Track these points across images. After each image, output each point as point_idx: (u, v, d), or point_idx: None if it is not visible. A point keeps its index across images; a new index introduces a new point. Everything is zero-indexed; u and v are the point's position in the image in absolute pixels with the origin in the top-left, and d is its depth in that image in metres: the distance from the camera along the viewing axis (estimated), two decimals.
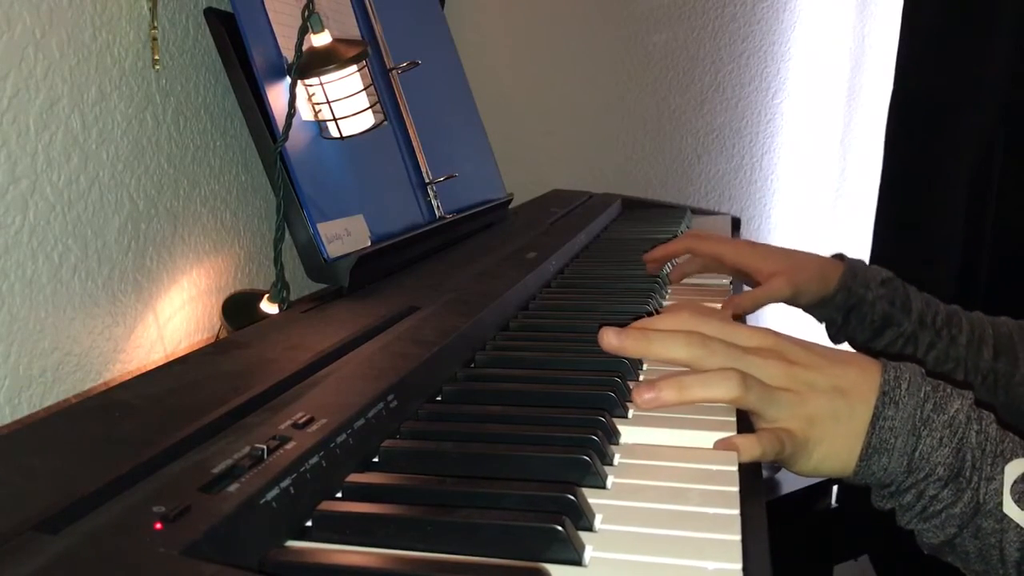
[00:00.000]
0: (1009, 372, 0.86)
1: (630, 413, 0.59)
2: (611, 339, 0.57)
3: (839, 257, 0.96)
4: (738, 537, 0.41)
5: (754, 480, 0.50)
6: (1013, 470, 0.52)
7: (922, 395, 0.55)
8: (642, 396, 0.55)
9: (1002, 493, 0.52)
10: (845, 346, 0.99)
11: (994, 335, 0.88)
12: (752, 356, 0.56)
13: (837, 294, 0.92)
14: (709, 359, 0.55)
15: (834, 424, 0.55)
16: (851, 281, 0.92)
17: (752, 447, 0.52)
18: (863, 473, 0.55)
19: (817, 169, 2.19)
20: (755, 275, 0.94)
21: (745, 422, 0.57)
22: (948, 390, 0.56)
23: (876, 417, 0.54)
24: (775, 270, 0.91)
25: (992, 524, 0.52)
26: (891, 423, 0.54)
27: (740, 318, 0.88)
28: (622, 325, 0.60)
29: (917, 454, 0.54)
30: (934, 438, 0.54)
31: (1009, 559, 0.52)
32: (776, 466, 1.70)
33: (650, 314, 0.79)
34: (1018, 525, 0.51)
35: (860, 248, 2.08)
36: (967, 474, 0.53)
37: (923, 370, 0.57)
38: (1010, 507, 0.52)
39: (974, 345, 0.88)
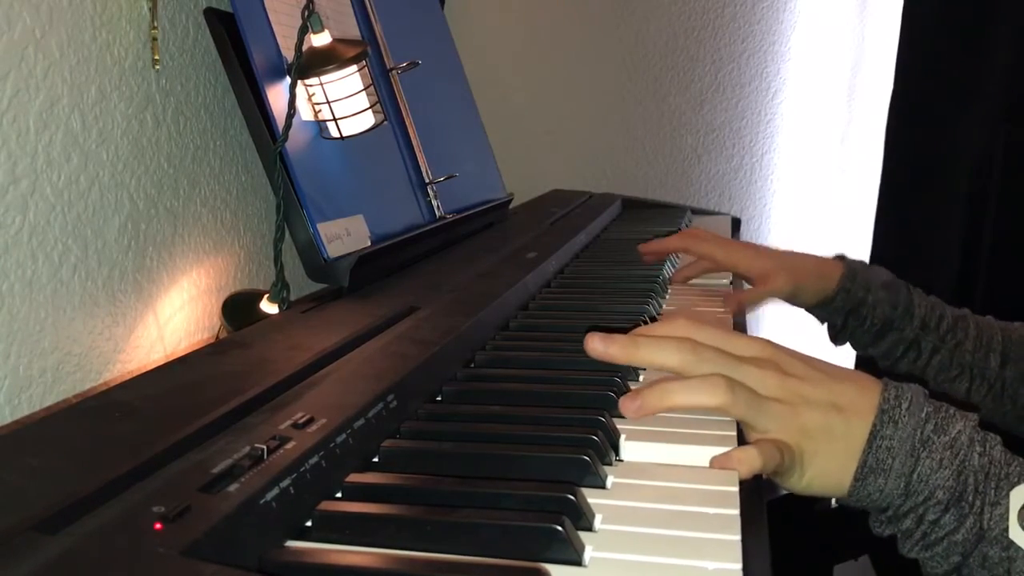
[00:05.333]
0: (1017, 380, 0.84)
1: None
2: (596, 345, 0.55)
3: (839, 257, 0.95)
4: (738, 537, 0.41)
5: (754, 480, 0.50)
6: (1019, 496, 0.50)
7: (923, 415, 0.52)
8: (628, 407, 0.53)
9: (1008, 519, 0.49)
10: (847, 349, 0.99)
11: (1003, 341, 0.86)
12: (747, 365, 0.54)
13: (836, 296, 0.91)
14: (699, 366, 0.53)
15: (828, 440, 0.52)
16: (850, 283, 0.91)
17: (752, 460, 0.49)
18: (858, 494, 0.53)
19: (817, 169, 2.20)
20: (749, 275, 0.93)
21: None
22: (951, 411, 0.53)
23: (873, 436, 0.52)
24: (770, 269, 0.90)
25: (999, 552, 0.49)
26: (889, 443, 0.52)
27: (742, 317, 0.87)
28: (620, 327, 0.60)
29: (915, 476, 0.51)
30: (934, 459, 0.51)
31: None
32: None
33: (650, 319, 0.79)
34: None
35: (860, 248, 2.08)
36: (969, 498, 0.50)
37: (926, 391, 0.55)
38: (1017, 534, 0.49)
39: (981, 352, 0.86)
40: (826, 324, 0.97)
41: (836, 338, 0.97)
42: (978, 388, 0.87)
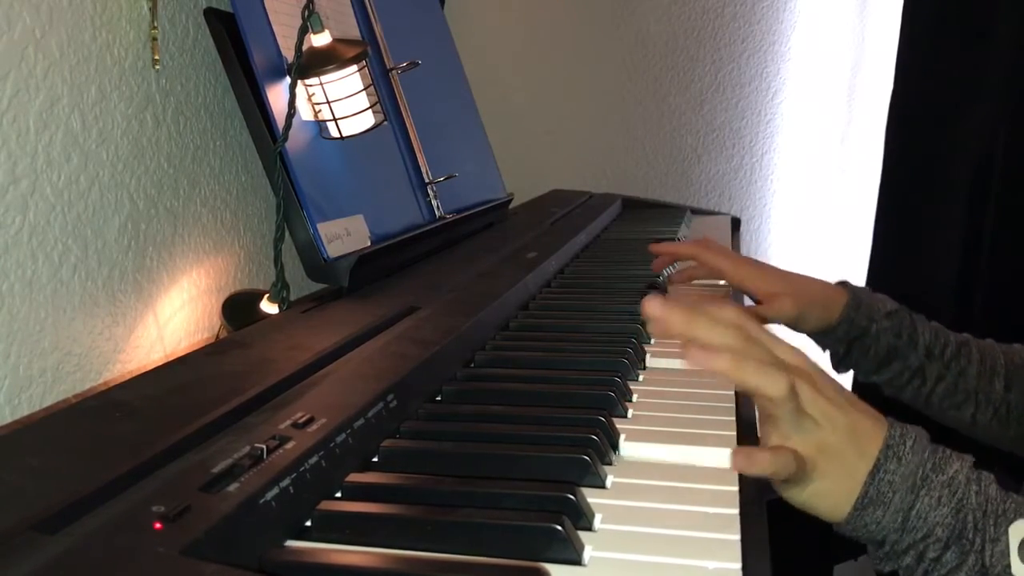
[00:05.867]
0: (1021, 403, 0.84)
1: (630, 413, 0.59)
2: (655, 308, 0.53)
3: (843, 284, 0.93)
4: (738, 537, 0.41)
5: (754, 480, 0.50)
6: (1018, 531, 0.51)
7: (925, 455, 0.54)
8: (695, 355, 0.51)
9: (1008, 556, 0.50)
10: (851, 376, 0.98)
11: (1005, 365, 0.86)
12: (787, 370, 0.53)
13: (840, 325, 0.90)
14: (748, 355, 0.53)
15: (839, 464, 0.54)
16: (854, 313, 0.89)
17: (764, 462, 0.50)
18: (854, 523, 0.54)
19: (817, 169, 2.20)
20: (756, 295, 0.92)
21: (742, 424, 0.56)
22: (948, 453, 0.55)
23: (877, 469, 0.53)
24: (776, 291, 0.89)
25: None
26: (891, 477, 0.53)
27: (740, 297, 0.86)
28: (620, 328, 0.60)
29: (914, 513, 0.53)
30: (932, 497, 0.53)
31: None
32: None
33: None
34: None
35: (860, 248, 2.08)
36: (970, 536, 0.52)
37: (928, 434, 0.56)
38: (1020, 569, 0.50)
39: (985, 377, 0.86)
40: (828, 352, 0.96)
41: (839, 365, 0.95)
42: (983, 413, 0.87)
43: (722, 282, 1.02)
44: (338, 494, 0.45)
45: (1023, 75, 1.71)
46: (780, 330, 0.92)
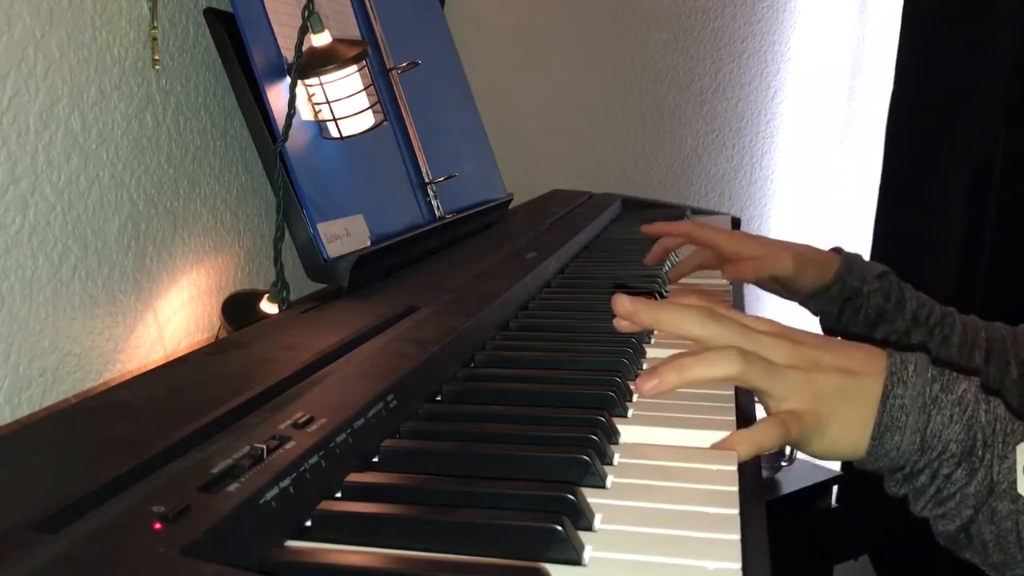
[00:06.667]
0: (999, 377, 0.86)
1: (630, 413, 0.59)
2: (624, 304, 0.57)
3: (836, 251, 0.96)
4: (738, 537, 0.41)
5: (754, 480, 0.50)
6: None
7: (929, 376, 0.55)
8: (645, 385, 0.54)
9: (1015, 472, 0.51)
10: None
11: (987, 339, 0.88)
12: (761, 335, 0.56)
13: (833, 285, 0.93)
14: (720, 333, 0.55)
15: (843, 401, 0.54)
16: (847, 274, 0.93)
17: (748, 445, 0.52)
18: (876, 453, 0.55)
19: (817, 169, 2.20)
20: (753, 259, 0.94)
21: (744, 421, 0.57)
22: (954, 374, 0.56)
23: (886, 395, 0.54)
24: (774, 250, 0.92)
25: (1007, 505, 0.52)
26: (901, 401, 0.54)
27: (739, 287, 0.87)
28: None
29: (929, 431, 0.53)
30: (944, 415, 0.53)
31: None
32: (776, 466, 1.70)
33: (661, 295, 0.79)
34: None
35: (860, 248, 2.08)
36: (979, 452, 0.53)
37: (929, 357, 0.57)
38: None
39: (966, 347, 0.88)
40: (819, 316, 0.98)
41: (830, 328, 0.98)
42: None
43: (724, 280, 1.02)
44: (338, 494, 0.45)
45: (1023, 75, 1.71)
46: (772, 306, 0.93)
